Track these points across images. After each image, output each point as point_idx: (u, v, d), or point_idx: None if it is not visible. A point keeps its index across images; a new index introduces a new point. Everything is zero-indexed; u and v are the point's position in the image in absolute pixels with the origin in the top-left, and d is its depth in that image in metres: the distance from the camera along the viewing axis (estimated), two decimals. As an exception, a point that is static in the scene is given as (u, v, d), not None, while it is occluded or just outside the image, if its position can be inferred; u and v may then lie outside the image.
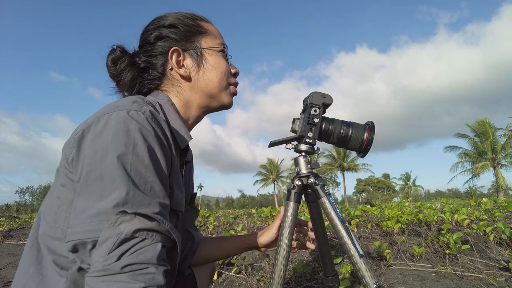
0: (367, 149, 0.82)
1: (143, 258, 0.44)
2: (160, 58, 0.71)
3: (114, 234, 0.44)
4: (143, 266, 0.44)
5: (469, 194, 41.61)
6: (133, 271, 0.43)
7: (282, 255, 0.80)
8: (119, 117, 0.51)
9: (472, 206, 4.32)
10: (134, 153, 0.49)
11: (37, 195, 49.76)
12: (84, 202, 0.47)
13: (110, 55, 0.70)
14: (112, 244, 0.43)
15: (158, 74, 0.71)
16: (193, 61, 0.72)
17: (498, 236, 2.31)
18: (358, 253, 0.75)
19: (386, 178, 53.05)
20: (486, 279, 1.77)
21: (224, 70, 0.74)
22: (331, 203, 0.80)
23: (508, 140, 27.74)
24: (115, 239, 0.43)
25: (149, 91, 0.73)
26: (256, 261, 2.34)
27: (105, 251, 0.43)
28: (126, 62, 0.69)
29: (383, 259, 2.14)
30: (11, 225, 5.19)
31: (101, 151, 0.49)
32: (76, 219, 0.47)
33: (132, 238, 0.44)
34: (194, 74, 0.71)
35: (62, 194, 0.56)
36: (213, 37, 0.75)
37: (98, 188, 0.47)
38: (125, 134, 0.50)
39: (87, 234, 0.45)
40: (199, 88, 0.72)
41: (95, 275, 0.43)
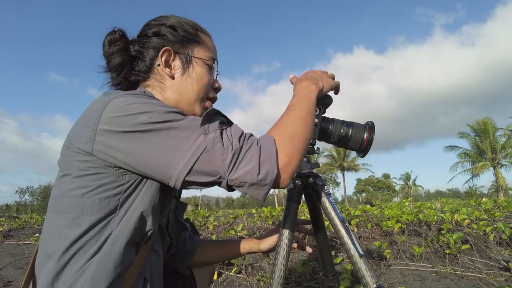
0: (367, 149, 0.82)
1: (238, 129, 0.58)
2: (151, 52, 0.74)
3: (214, 135, 0.55)
4: (243, 133, 0.57)
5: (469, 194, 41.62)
6: (245, 138, 0.56)
7: (282, 255, 0.80)
8: (127, 97, 0.59)
9: (472, 206, 4.32)
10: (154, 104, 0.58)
11: (37, 195, 49.74)
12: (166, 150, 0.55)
13: (109, 36, 0.73)
14: (220, 140, 0.54)
15: (145, 67, 0.74)
16: (180, 64, 0.74)
17: (498, 236, 2.31)
18: (358, 253, 0.75)
19: (386, 178, 53.06)
20: (486, 279, 1.77)
21: (206, 83, 0.76)
22: (331, 203, 0.80)
23: (508, 140, 27.74)
24: (217, 136, 0.54)
25: (136, 81, 0.76)
26: (256, 261, 2.34)
27: (219, 149, 0.54)
28: (120, 46, 0.73)
29: (383, 259, 2.14)
30: (11, 225, 5.19)
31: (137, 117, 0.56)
32: (172, 159, 0.54)
33: (222, 129, 0.56)
34: (178, 76, 0.74)
35: (84, 183, 0.58)
36: (207, 50, 0.78)
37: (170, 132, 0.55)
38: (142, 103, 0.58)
39: (197, 153, 0.54)
40: (179, 90, 0.74)
41: (232, 165, 0.53)
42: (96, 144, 0.57)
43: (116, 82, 0.76)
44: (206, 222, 3.91)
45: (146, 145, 0.55)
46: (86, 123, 0.59)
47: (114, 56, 0.73)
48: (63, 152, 0.63)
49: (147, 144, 0.55)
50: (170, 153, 0.54)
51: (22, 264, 2.66)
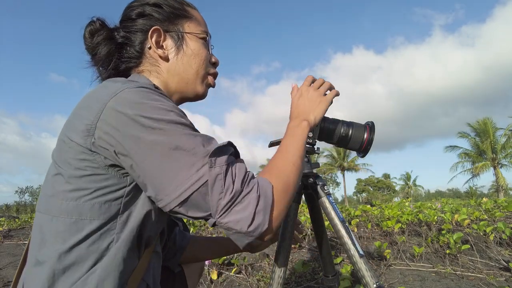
0: (367, 149, 0.82)
1: (243, 168, 0.53)
2: (139, 35, 0.68)
3: (219, 170, 0.49)
4: (247, 173, 0.53)
5: (469, 194, 41.62)
6: (247, 181, 0.51)
7: (282, 255, 0.80)
8: (136, 91, 0.53)
9: (472, 206, 4.32)
10: (175, 113, 0.53)
11: (37, 195, 49.72)
12: (171, 172, 0.49)
13: (89, 27, 0.67)
14: (222, 178, 0.49)
15: (136, 52, 0.68)
16: (173, 43, 0.69)
17: (498, 236, 2.31)
18: (358, 253, 0.75)
19: (386, 178, 53.05)
20: (486, 279, 1.77)
21: (204, 58, 0.71)
22: (331, 203, 0.80)
23: (508, 140, 27.74)
24: (221, 172, 0.49)
25: (127, 70, 0.70)
26: (256, 261, 2.34)
27: (219, 187, 0.49)
28: (103, 35, 0.67)
29: (383, 259, 2.14)
30: (11, 225, 5.19)
31: (148, 127, 0.50)
32: (169, 183, 0.49)
33: (228, 164, 0.51)
34: (173, 56, 0.69)
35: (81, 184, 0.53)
36: (197, 23, 0.73)
37: (175, 154, 0.50)
38: (152, 99, 0.53)
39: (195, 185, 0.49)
40: (176, 71, 0.69)
41: (226, 208, 0.48)
42: (96, 139, 0.51)
43: (106, 75, 0.70)
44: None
45: (145, 154, 0.49)
46: (86, 114, 0.53)
47: (100, 47, 0.67)
48: (58, 146, 0.57)
49: (146, 153, 0.49)
50: (168, 176, 0.49)
51: (22, 264, 2.66)
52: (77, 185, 0.53)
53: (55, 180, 0.55)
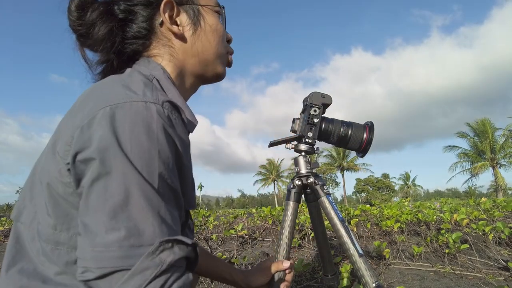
0: (366, 149, 0.83)
1: (182, 286, 0.38)
2: (145, 9, 0.56)
3: (154, 264, 0.36)
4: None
5: (468, 193, 41.65)
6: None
7: (282, 254, 0.81)
8: (136, 112, 0.40)
9: (471, 205, 4.33)
10: (160, 159, 0.40)
11: (37, 194, 49.64)
12: (105, 221, 0.37)
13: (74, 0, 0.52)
14: (150, 275, 0.36)
15: (144, 30, 0.56)
16: (188, 18, 0.59)
17: (497, 236, 2.31)
18: (357, 252, 0.75)
19: (386, 177, 53.08)
20: (485, 278, 1.78)
21: (222, 34, 0.63)
22: (330, 202, 0.80)
23: (507, 140, 27.78)
24: (155, 271, 0.36)
25: (134, 53, 0.58)
26: (256, 261, 2.34)
27: (140, 284, 0.36)
28: (100, 9, 0.53)
29: (383, 258, 2.15)
30: (11, 225, 5.19)
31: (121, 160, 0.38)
32: (94, 239, 0.37)
33: (170, 269, 0.37)
34: (191, 34, 0.58)
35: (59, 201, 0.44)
36: None
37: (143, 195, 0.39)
38: (147, 137, 0.40)
39: (117, 262, 0.36)
40: (195, 52, 0.59)
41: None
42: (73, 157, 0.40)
43: (104, 59, 0.57)
44: (206, 221, 3.91)
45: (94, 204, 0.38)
46: (73, 124, 0.42)
47: (96, 26, 0.52)
48: (47, 151, 0.47)
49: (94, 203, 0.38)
50: None
51: (22, 264, 2.66)
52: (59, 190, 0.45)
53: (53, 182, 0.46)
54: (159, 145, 0.40)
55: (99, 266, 0.36)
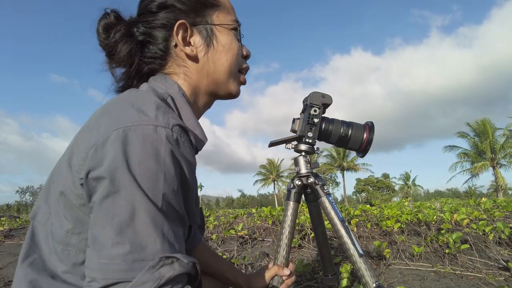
0: (366, 149, 0.83)
1: None
2: (162, 31, 0.60)
3: (153, 278, 0.39)
4: None
5: (468, 193, 41.64)
6: None
7: (282, 254, 0.81)
8: (146, 136, 0.43)
9: (471, 205, 4.32)
10: (166, 181, 0.43)
11: (38, 195, 49.69)
12: (112, 235, 0.40)
13: (102, 21, 0.58)
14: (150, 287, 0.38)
15: (160, 52, 0.60)
16: (202, 39, 0.61)
17: (498, 236, 2.31)
18: (357, 252, 0.75)
19: (386, 177, 53.07)
20: (486, 278, 1.78)
21: (236, 53, 0.64)
22: (330, 202, 0.80)
23: (507, 140, 27.77)
24: (153, 284, 0.38)
25: (151, 71, 0.62)
26: (256, 261, 2.34)
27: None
28: (122, 31, 0.58)
29: (383, 258, 2.14)
30: (11, 225, 5.19)
31: (129, 180, 0.41)
32: (101, 252, 0.40)
33: (169, 283, 0.40)
34: (203, 54, 0.61)
35: (72, 216, 0.49)
36: (226, 11, 0.64)
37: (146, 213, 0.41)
38: (155, 160, 0.42)
39: (121, 275, 0.39)
40: (207, 72, 0.62)
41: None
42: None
43: (127, 76, 0.62)
44: (206, 221, 3.91)
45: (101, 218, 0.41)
46: (88, 142, 0.45)
47: (118, 46, 0.58)
48: (64, 161, 0.50)
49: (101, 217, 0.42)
50: None
51: (23, 264, 2.67)
52: (74, 201, 0.49)
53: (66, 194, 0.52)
54: (165, 168, 0.43)
55: (104, 277, 0.39)
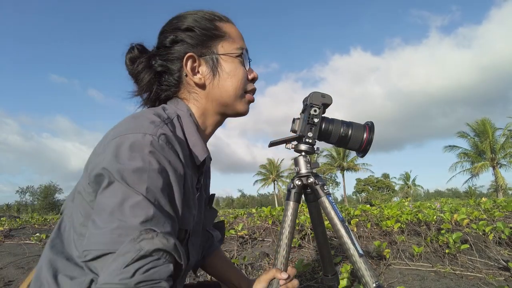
0: (366, 149, 0.83)
1: (156, 276, 0.46)
2: (176, 63, 0.69)
3: (134, 249, 0.45)
4: (155, 283, 0.45)
5: (468, 193, 41.64)
6: (146, 286, 0.45)
7: (282, 254, 0.81)
8: (135, 141, 0.53)
9: (471, 205, 4.32)
10: (149, 177, 0.51)
11: (38, 195, 49.75)
12: (105, 217, 0.49)
13: (128, 54, 0.69)
14: (130, 258, 0.45)
15: (174, 81, 0.70)
16: (208, 68, 0.69)
17: (498, 236, 2.31)
18: (357, 252, 0.75)
19: (386, 177, 53.06)
20: (486, 278, 1.78)
21: (240, 78, 0.70)
22: (330, 202, 0.80)
23: (507, 140, 27.76)
24: (134, 254, 0.45)
25: (167, 97, 0.72)
26: (256, 261, 2.34)
27: (121, 265, 0.45)
28: (143, 63, 0.69)
29: (383, 258, 2.15)
30: (11, 225, 5.19)
31: (119, 176, 0.50)
32: (95, 230, 0.48)
33: (149, 256, 0.46)
34: (209, 82, 0.69)
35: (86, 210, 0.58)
36: (231, 41, 0.71)
37: (119, 203, 0.49)
38: (140, 159, 0.51)
39: (108, 246, 0.47)
40: (214, 97, 0.70)
41: (109, 287, 0.44)
42: None
43: (149, 100, 0.73)
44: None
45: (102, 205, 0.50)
46: (98, 152, 0.56)
47: (141, 75, 0.69)
48: (85, 167, 0.60)
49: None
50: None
51: (23, 264, 2.67)
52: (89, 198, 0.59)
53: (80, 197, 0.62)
54: (149, 167, 0.51)
55: (95, 249, 0.47)
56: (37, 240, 3.49)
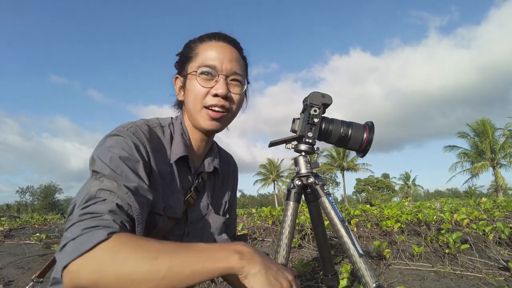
0: (366, 149, 0.82)
1: (98, 209, 0.54)
2: (178, 83, 0.84)
3: (85, 192, 0.58)
4: (98, 215, 0.53)
5: (468, 193, 41.61)
6: (90, 218, 0.52)
7: (282, 254, 0.81)
8: (115, 131, 0.70)
9: (471, 205, 4.32)
10: (113, 152, 0.65)
11: (38, 195, 49.75)
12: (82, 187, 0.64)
13: None
14: (81, 199, 0.57)
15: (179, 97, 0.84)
16: (181, 86, 0.81)
17: (498, 236, 2.31)
18: (357, 252, 0.75)
19: (386, 177, 53.03)
20: (486, 278, 1.78)
21: (196, 93, 0.76)
22: (330, 202, 0.80)
23: (507, 140, 27.75)
24: (84, 195, 0.57)
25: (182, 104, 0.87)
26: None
27: (77, 205, 0.57)
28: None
29: (383, 258, 2.15)
30: (11, 225, 5.20)
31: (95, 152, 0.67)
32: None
33: (95, 197, 0.57)
34: (183, 98, 0.82)
35: None
36: (197, 60, 0.77)
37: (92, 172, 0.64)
38: (111, 140, 0.68)
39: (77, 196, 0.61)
40: (187, 109, 0.81)
41: (65, 228, 0.55)
42: None
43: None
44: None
45: None
46: None
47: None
48: None
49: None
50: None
51: (23, 264, 2.66)
52: None
53: None
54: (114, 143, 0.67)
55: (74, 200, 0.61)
56: (37, 240, 3.49)
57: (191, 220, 0.82)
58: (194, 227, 0.83)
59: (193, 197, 0.82)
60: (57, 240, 3.66)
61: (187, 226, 0.81)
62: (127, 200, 0.58)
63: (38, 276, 0.95)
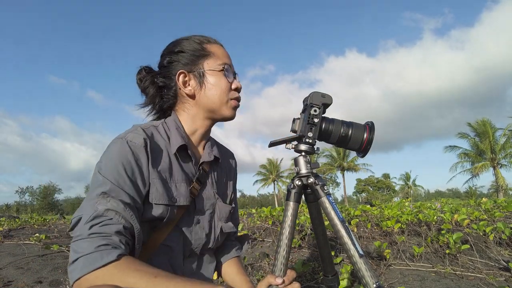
0: (367, 149, 0.82)
1: (107, 230, 0.60)
2: (173, 79, 0.85)
3: (92, 210, 0.63)
4: (107, 235, 0.60)
5: (468, 194, 41.60)
6: (100, 237, 0.59)
7: (282, 255, 0.80)
8: (112, 142, 0.75)
9: (472, 206, 4.32)
10: (111, 164, 0.70)
11: (37, 195, 49.77)
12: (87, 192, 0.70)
13: (138, 75, 0.88)
14: (89, 215, 0.62)
15: (172, 94, 0.86)
16: (196, 81, 0.84)
17: (498, 236, 2.31)
18: (358, 253, 0.75)
19: (386, 178, 53.01)
20: (486, 279, 1.78)
21: (223, 88, 0.84)
22: (331, 203, 0.80)
23: (507, 140, 27.74)
24: (91, 213, 0.62)
25: (169, 108, 0.89)
26: (256, 261, 2.34)
27: (83, 222, 0.61)
28: (148, 80, 0.87)
29: (383, 259, 2.14)
30: (11, 225, 5.19)
31: (97, 169, 0.72)
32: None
33: (102, 216, 0.62)
34: (198, 92, 0.84)
35: None
36: (216, 58, 0.85)
37: (93, 186, 0.69)
38: (110, 153, 0.72)
39: (79, 212, 0.64)
40: (202, 104, 0.85)
41: (73, 240, 0.60)
42: None
43: (154, 112, 0.90)
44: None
45: None
46: None
47: (147, 89, 0.87)
48: None
49: None
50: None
51: (22, 264, 2.66)
52: None
53: None
54: (119, 159, 0.70)
55: (74, 216, 0.65)
56: (36, 241, 3.49)
57: (199, 208, 0.84)
58: (203, 216, 0.85)
59: (196, 187, 0.83)
60: (56, 241, 3.66)
61: (196, 214, 0.84)
62: (130, 221, 0.65)
63: None
